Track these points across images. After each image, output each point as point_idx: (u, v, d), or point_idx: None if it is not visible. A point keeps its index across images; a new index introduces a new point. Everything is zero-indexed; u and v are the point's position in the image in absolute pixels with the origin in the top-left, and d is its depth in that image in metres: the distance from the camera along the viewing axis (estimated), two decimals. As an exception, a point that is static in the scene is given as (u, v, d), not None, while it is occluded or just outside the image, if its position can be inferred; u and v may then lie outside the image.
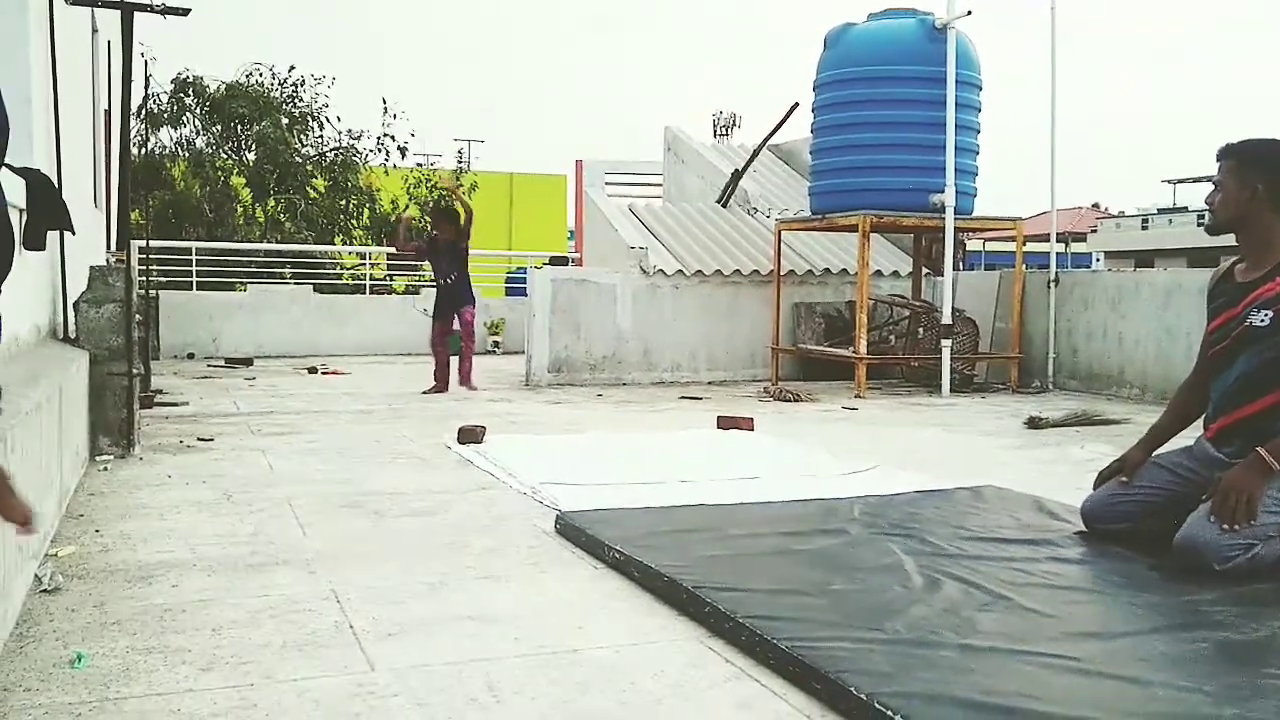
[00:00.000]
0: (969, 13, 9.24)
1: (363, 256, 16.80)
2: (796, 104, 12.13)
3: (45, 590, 3.10)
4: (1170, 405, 3.83)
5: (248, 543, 3.75)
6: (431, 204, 7.71)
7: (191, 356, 12.58)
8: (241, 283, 14.71)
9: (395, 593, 3.17)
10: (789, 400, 8.75)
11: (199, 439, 6.16)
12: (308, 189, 18.48)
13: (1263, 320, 3.33)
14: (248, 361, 11.85)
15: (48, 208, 4.43)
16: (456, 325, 9.45)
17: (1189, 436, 3.72)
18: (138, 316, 5.75)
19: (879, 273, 11.19)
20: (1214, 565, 3.17)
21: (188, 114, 18.04)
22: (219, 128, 18.17)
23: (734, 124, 17.61)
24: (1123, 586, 3.17)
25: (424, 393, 9.04)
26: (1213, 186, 3.53)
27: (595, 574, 3.43)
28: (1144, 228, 45.85)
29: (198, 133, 18.19)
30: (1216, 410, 3.53)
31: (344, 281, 16.57)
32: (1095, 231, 47.96)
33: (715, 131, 16.40)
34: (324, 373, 10.94)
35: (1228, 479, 3.24)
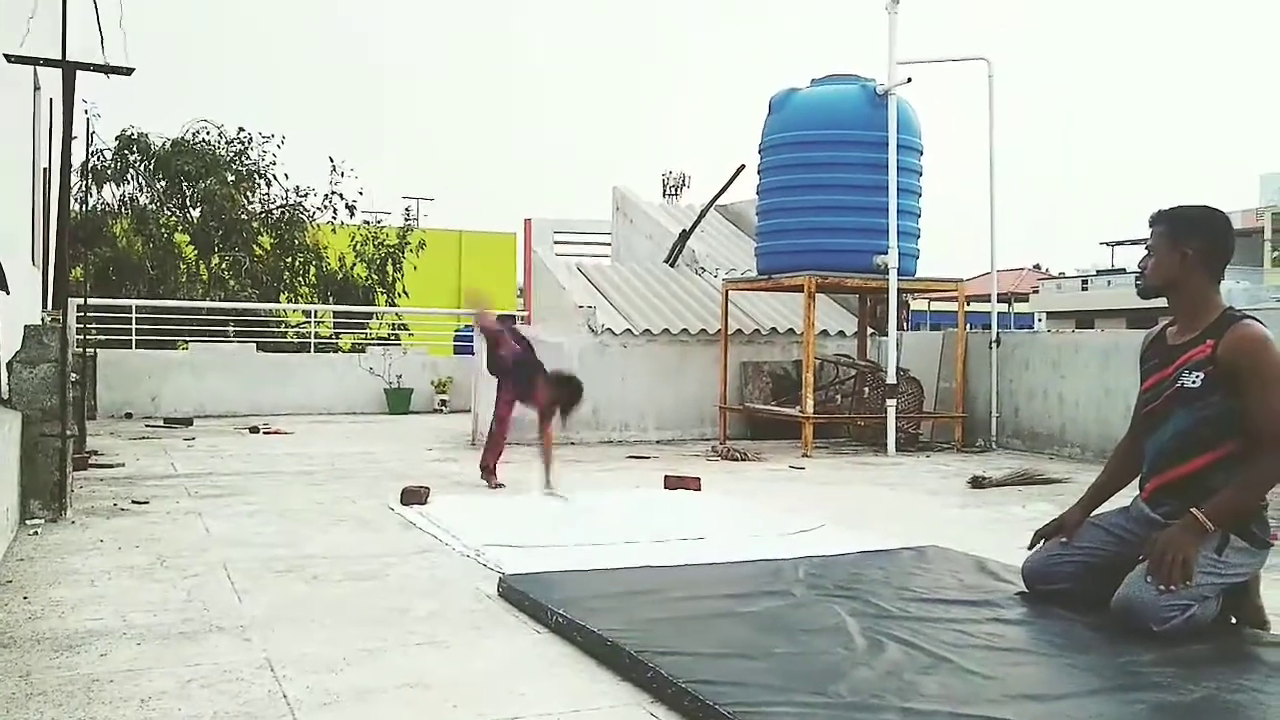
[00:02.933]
0: (909, 80, 9.46)
1: (308, 314, 16.66)
2: (743, 166, 12.30)
3: (-34, 661, 2.99)
4: (1108, 464, 3.88)
5: (180, 610, 3.66)
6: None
7: (129, 416, 12.34)
8: (183, 341, 14.50)
9: (332, 660, 3.10)
10: (736, 459, 8.76)
11: (134, 502, 6.02)
12: (253, 246, 18.34)
13: (1194, 382, 3.40)
14: (187, 421, 11.64)
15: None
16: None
17: (1127, 496, 3.77)
18: (73, 376, 5.64)
19: (825, 332, 11.30)
20: (1152, 626, 3.19)
21: (132, 170, 17.88)
22: (163, 184, 18.02)
23: (683, 184, 17.80)
24: (1063, 648, 3.19)
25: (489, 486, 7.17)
26: (1145, 251, 3.61)
27: (538, 638, 3.39)
28: (1084, 289, 46.76)
29: (141, 189, 18.02)
30: (1151, 470, 3.58)
31: (288, 340, 16.40)
32: (1037, 292, 48.84)
33: (664, 191, 16.57)
34: (266, 432, 10.78)
35: (1163, 539, 3.29)
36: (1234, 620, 3.44)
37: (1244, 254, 37.31)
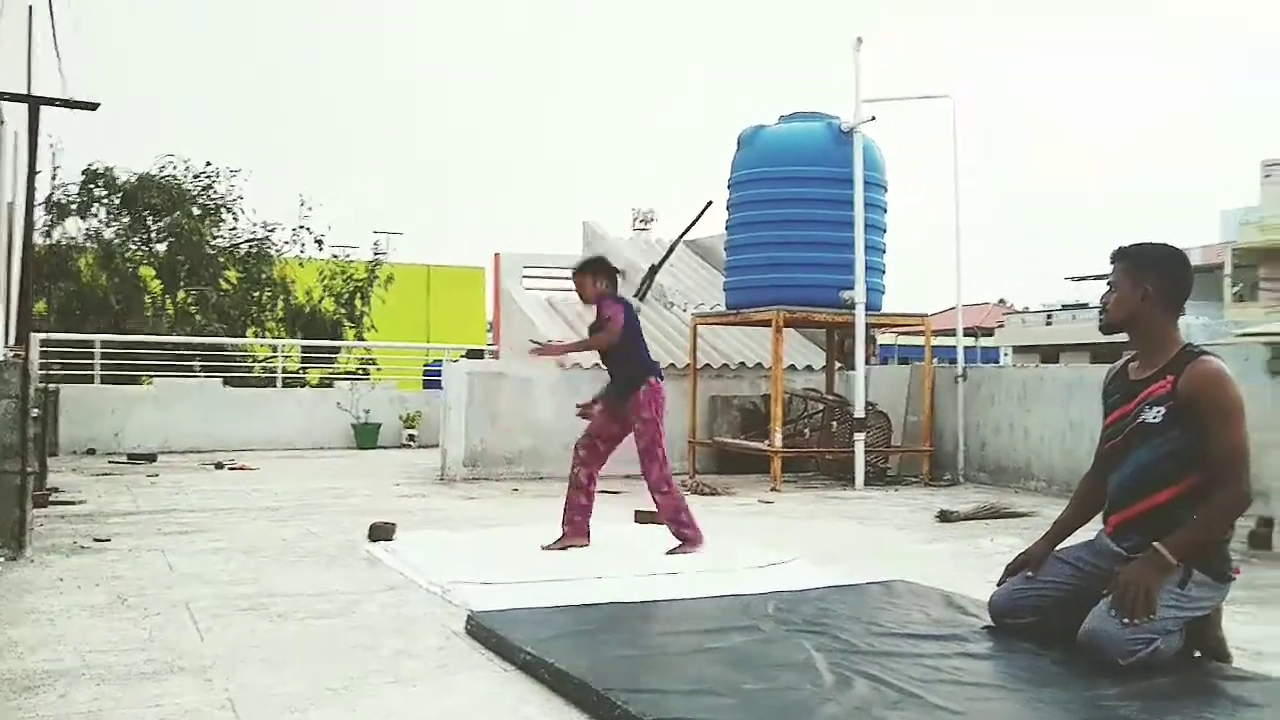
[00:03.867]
0: (873, 118, 9.59)
1: (275, 349, 16.54)
2: (711, 201, 12.37)
3: (-80, 704, 2.93)
4: (1073, 498, 3.91)
5: (142, 649, 3.61)
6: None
7: (92, 452, 12.17)
8: (148, 376, 14.35)
9: (296, 699, 3.06)
10: (706, 493, 8.76)
11: (95, 539, 5.93)
12: (220, 280, 18.23)
13: (1155, 417, 3.45)
14: (151, 457, 11.50)
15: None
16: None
17: (1092, 530, 3.80)
18: (34, 412, 5.56)
19: (793, 367, 11.35)
20: (1117, 660, 3.21)
21: (97, 204, 17.76)
22: (129, 219, 17.90)
23: (653, 219, 17.88)
24: (1029, 682, 3.20)
25: (549, 547, 5.61)
26: (1108, 287, 3.67)
27: (506, 676, 3.36)
28: (1048, 323, 47.26)
29: (106, 224, 17.89)
30: (1114, 505, 3.62)
31: (255, 374, 16.27)
32: (1002, 326, 49.31)
33: (634, 225, 16.63)
34: (231, 468, 10.67)
35: (1126, 573, 3.31)
36: (1197, 654, 3.46)
37: (1204, 289, 37.88)
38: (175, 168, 18.40)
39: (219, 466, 10.77)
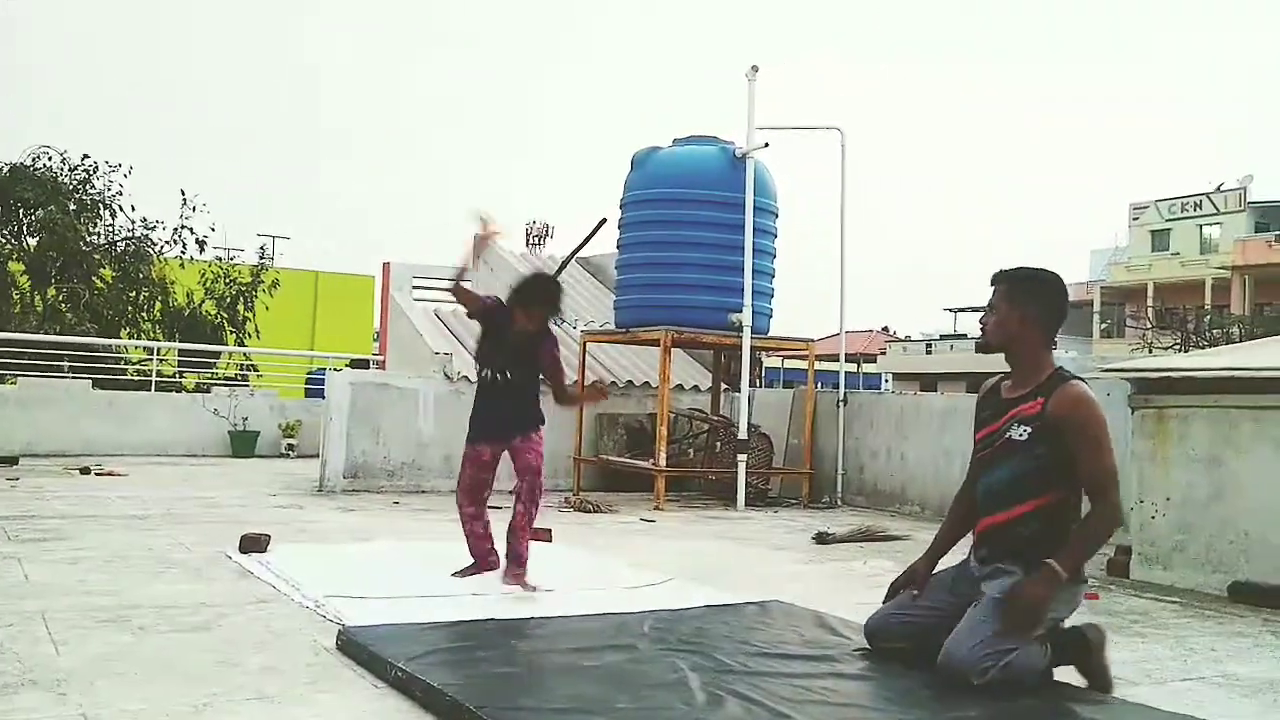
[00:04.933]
0: (766, 144, 9.76)
1: (150, 351, 16.00)
2: (604, 220, 12.42)
3: None
4: (949, 514, 4.02)
5: (-9, 662, 3.44)
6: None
7: (-52, 453, 11.58)
8: (11, 375, 13.73)
9: (155, 716, 2.96)
10: (589, 511, 8.76)
11: (-54, 545, 5.64)
12: (94, 278, 17.57)
13: (1021, 434, 3.58)
14: (12, 460, 10.99)
15: None
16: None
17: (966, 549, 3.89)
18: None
19: (680, 387, 11.44)
20: (973, 680, 3.31)
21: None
22: (-2, 210, 17.17)
23: (547, 234, 17.87)
24: (896, 704, 3.28)
25: (459, 574, 5.21)
26: (988, 308, 3.80)
27: (376, 694, 3.30)
28: (928, 352, 48.66)
29: (-28, 216, 17.13)
30: (979, 513, 3.75)
31: (129, 377, 15.70)
32: (884, 354, 50.57)
33: (528, 241, 16.60)
34: (99, 474, 10.26)
35: (1016, 590, 3.42)
36: (1086, 685, 3.52)
37: (1074, 325, 39.50)
38: (50, 159, 17.72)
39: (85, 471, 10.35)
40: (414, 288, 13.28)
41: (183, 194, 18.29)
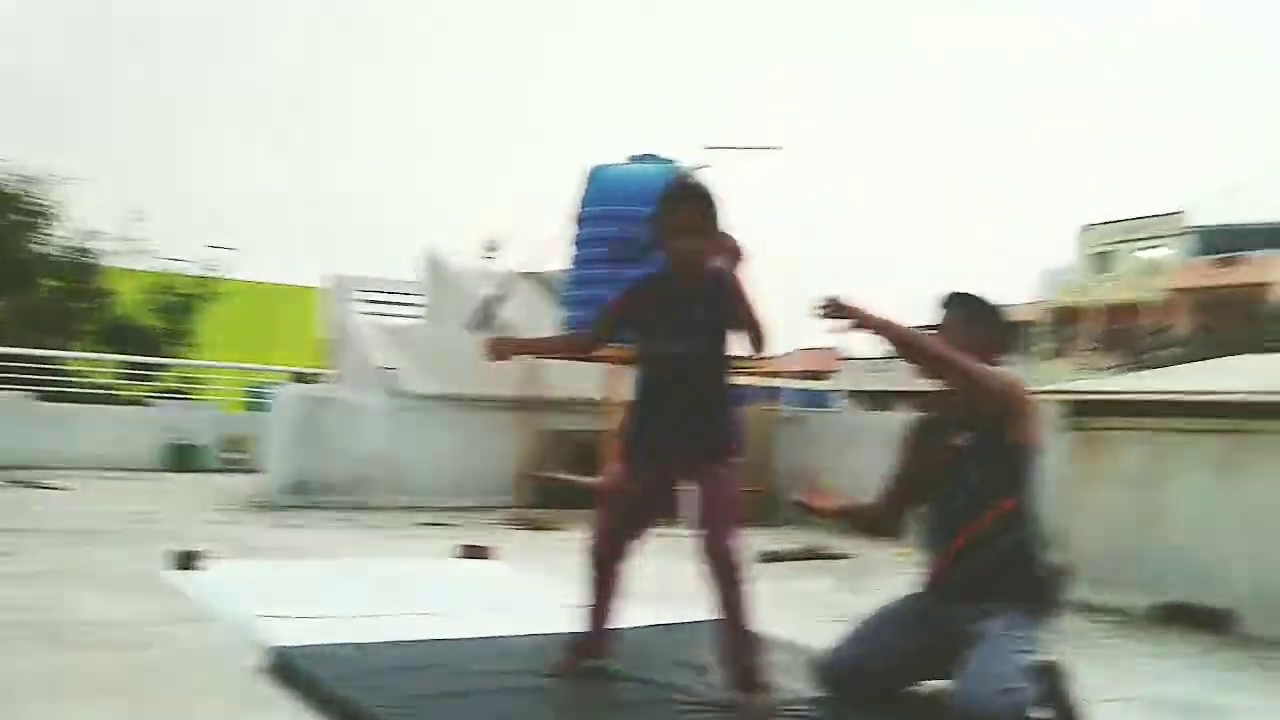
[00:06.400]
0: (708, 165, 9.91)
1: (91, 362, 15.71)
2: (558, 234, 12.39)
3: None
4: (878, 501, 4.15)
5: (-94, 683, 3.34)
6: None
7: (-123, 465, 11.28)
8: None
9: (74, 740, 2.88)
10: (536, 529, 8.70)
11: None
12: (36, 288, 17.26)
13: (966, 441, 3.61)
14: (-54, 473, 10.73)
15: None
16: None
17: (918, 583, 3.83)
18: None
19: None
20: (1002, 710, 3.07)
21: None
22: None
23: (499, 249, 17.77)
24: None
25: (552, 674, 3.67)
26: (935, 331, 3.83)
27: (306, 716, 3.24)
28: (881, 370, 49.09)
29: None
30: (943, 540, 3.69)
31: (68, 389, 15.40)
32: (838, 372, 50.95)
33: (481, 255, 16.49)
34: (33, 487, 10.04)
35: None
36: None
37: (1021, 344, 40.02)
38: (-5, 167, 17.43)
39: (19, 485, 10.12)
40: (359, 300, 13.19)
41: (128, 205, 18.05)
